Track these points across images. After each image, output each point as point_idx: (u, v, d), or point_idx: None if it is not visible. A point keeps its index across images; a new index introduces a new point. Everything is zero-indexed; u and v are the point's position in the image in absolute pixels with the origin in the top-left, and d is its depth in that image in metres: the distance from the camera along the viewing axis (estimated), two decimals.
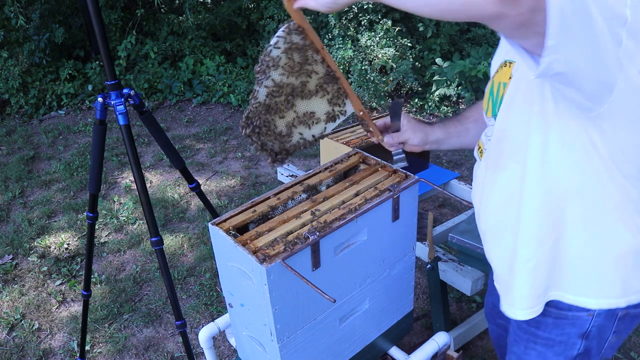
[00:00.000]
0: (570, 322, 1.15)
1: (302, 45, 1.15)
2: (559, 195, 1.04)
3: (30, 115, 5.28)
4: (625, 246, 1.07)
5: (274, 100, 1.19)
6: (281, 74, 1.17)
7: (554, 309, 1.15)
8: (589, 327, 1.14)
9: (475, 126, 1.37)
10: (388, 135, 1.35)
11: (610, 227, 1.06)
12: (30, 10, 5.24)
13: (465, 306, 2.63)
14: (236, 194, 3.78)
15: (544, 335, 1.20)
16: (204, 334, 1.75)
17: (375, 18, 5.12)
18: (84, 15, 1.56)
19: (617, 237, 1.07)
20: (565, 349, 1.19)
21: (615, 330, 1.16)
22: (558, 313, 1.15)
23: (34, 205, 3.75)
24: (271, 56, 1.14)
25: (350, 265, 1.38)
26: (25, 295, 2.88)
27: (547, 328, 1.19)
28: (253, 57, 5.87)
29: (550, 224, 1.07)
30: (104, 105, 1.71)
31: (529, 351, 1.25)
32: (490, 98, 1.20)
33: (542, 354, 1.23)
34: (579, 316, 1.13)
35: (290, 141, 1.28)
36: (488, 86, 1.23)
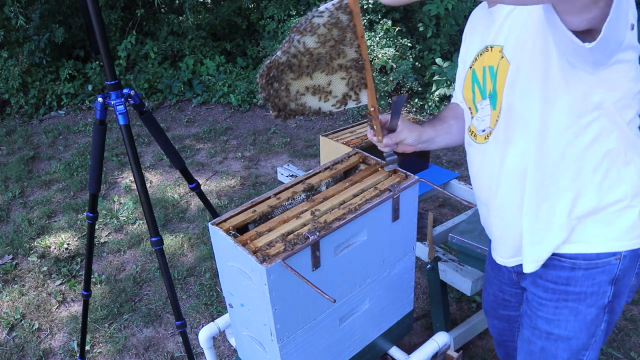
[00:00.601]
0: (600, 270, 1.21)
1: (345, 26, 1.15)
2: (573, 152, 1.14)
3: (30, 115, 5.28)
4: (638, 186, 1.18)
5: (297, 60, 1.19)
6: (314, 42, 1.17)
7: (583, 261, 1.21)
8: (617, 272, 1.21)
9: (456, 123, 1.45)
10: (387, 137, 1.37)
11: (620, 172, 1.16)
12: (30, 10, 5.24)
13: (465, 306, 2.63)
14: (236, 194, 3.79)
15: (575, 290, 1.24)
16: (204, 334, 1.75)
17: (375, 18, 5.12)
18: (84, 15, 1.56)
19: (629, 178, 1.17)
20: (597, 299, 1.24)
21: (637, 271, 1.25)
22: (587, 264, 1.21)
23: (34, 205, 3.75)
24: (312, 22, 1.14)
25: (350, 265, 1.38)
26: (25, 295, 2.88)
27: (577, 282, 1.23)
28: (253, 57, 5.87)
29: (569, 180, 1.17)
30: (104, 105, 1.71)
31: (560, 310, 1.28)
32: (475, 84, 1.29)
33: (575, 309, 1.26)
34: (608, 261, 1.20)
35: (296, 103, 1.27)
36: (468, 75, 1.31)
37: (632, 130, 1.15)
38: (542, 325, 1.32)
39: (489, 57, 1.23)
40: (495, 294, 1.58)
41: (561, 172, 1.17)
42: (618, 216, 1.18)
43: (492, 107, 1.24)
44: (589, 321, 1.27)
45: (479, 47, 1.28)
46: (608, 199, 1.17)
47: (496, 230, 1.36)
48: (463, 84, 1.36)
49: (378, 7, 5.06)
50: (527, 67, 1.12)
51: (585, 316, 1.26)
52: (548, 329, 1.32)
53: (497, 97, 1.21)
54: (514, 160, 1.22)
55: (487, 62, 1.24)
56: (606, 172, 1.16)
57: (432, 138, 1.43)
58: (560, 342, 1.31)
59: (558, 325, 1.30)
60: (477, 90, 1.29)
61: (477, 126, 1.31)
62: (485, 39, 1.25)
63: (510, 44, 1.16)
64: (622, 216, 1.18)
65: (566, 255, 1.22)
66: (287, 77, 1.22)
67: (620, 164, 1.16)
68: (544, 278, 1.28)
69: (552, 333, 1.31)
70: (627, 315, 2.52)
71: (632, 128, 1.15)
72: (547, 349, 1.34)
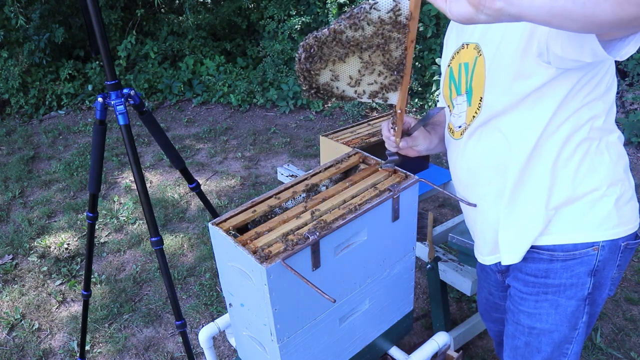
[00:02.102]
0: (578, 261, 1.21)
1: (399, 28, 1.12)
2: (547, 145, 1.17)
3: (30, 115, 5.28)
4: (612, 175, 1.19)
5: (343, 43, 1.16)
6: (361, 34, 1.14)
7: (561, 252, 1.21)
8: (595, 263, 1.21)
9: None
10: (403, 140, 1.39)
11: (594, 161, 1.17)
12: (30, 10, 5.24)
13: (465, 306, 2.63)
14: (236, 194, 3.79)
15: (554, 283, 1.25)
16: (204, 334, 1.75)
17: None
18: (84, 15, 1.56)
19: (603, 167, 1.18)
20: (576, 291, 1.24)
21: (618, 263, 1.24)
22: (565, 255, 1.21)
23: (34, 205, 3.75)
24: (368, 15, 1.11)
25: (350, 265, 1.38)
26: (25, 295, 2.88)
27: (556, 274, 1.24)
28: (253, 57, 5.87)
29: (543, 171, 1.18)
30: (104, 105, 1.71)
31: (541, 304, 1.29)
32: (451, 82, 1.31)
33: (554, 302, 1.27)
34: (586, 252, 1.20)
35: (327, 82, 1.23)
36: (446, 73, 1.34)
37: (605, 120, 1.17)
38: (524, 320, 1.33)
39: (465, 54, 1.25)
40: (486, 297, 1.59)
41: (535, 165, 1.19)
42: (593, 205, 1.19)
43: (468, 103, 1.25)
44: (569, 313, 1.27)
45: (455, 46, 1.30)
46: (583, 189, 1.18)
47: (476, 226, 1.38)
48: (443, 82, 1.38)
49: None
50: (503, 64, 1.13)
51: (566, 308, 1.27)
52: (530, 323, 1.32)
53: (473, 93, 1.23)
54: (488, 154, 1.24)
55: (463, 59, 1.26)
56: (580, 161, 1.17)
57: (435, 144, 1.46)
58: (543, 335, 1.32)
59: (539, 319, 1.30)
60: (453, 87, 1.31)
61: (454, 123, 1.34)
62: (460, 37, 1.28)
63: (487, 41, 1.17)
64: (598, 205, 1.19)
65: (544, 247, 1.23)
66: (329, 56, 1.18)
67: (593, 154, 1.17)
68: (523, 272, 1.30)
69: (535, 327, 1.32)
70: (627, 315, 2.52)
71: (605, 118, 1.17)
72: (531, 343, 1.34)
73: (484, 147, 1.26)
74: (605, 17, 0.76)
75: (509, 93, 1.15)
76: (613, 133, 1.21)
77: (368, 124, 2.49)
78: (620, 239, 1.21)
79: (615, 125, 1.22)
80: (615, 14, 0.75)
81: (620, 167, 1.21)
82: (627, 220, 1.22)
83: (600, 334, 2.41)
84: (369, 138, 2.31)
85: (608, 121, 1.19)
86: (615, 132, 1.22)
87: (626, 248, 1.23)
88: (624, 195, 1.21)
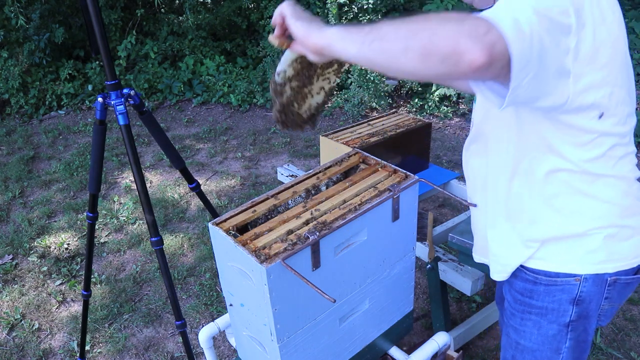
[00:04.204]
0: (559, 288, 1.20)
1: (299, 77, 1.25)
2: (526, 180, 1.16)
3: (30, 115, 5.28)
4: (604, 217, 1.15)
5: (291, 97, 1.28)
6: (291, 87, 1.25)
7: (544, 276, 1.21)
8: (577, 292, 1.19)
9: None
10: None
11: (581, 203, 1.14)
12: (30, 10, 5.24)
13: (465, 306, 2.63)
14: (236, 194, 3.79)
15: (537, 304, 1.25)
16: (204, 334, 1.75)
17: (376, 18, 5.12)
18: (84, 15, 1.56)
19: (589, 210, 1.14)
20: (557, 316, 1.23)
21: (607, 296, 1.21)
22: (548, 280, 1.21)
23: (34, 205, 3.75)
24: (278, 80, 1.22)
25: (350, 265, 1.38)
26: (25, 295, 2.88)
27: (539, 296, 1.23)
28: (253, 57, 5.87)
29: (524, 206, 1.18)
30: (104, 105, 1.71)
31: (525, 322, 1.29)
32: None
33: (537, 323, 1.27)
34: (567, 281, 1.19)
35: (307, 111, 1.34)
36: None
37: (594, 164, 1.10)
38: (512, 334, 1.34)
39: None
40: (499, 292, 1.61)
41: (514, 198, 1.19)
42: (579, 241, 1.16)
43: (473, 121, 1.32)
44: (550, 336, 1.26)
45: None
46: (567, 229, 1.16)
47: (474, 227, 1.41)
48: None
49: (378, 7, 5.06)
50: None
51: (547, 331, 1.26)
52: (516, 338, 1.33)
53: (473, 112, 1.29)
54: (477, 173, 1.29)
55: None
56: (564, 201, 1.14)
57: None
58: (527, 353, 1.32)
59: (524, 336, 1.31)
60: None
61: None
62: None
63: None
64: (584, 240, 1.16)
65: (529, 269, 1.23)
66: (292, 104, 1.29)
67: (580, 196, 1.13)
68: (513, 287, 1.30)
69: (520, 343, 1.32)
70: (627, 315, 2.52)
71: (594, 163, 1.10)
72: (517, 358, 1.35)
73: (473, 164, 1.30)
74: (414, 70, 0.85)
75: (486, 118, 1.20)
76: (608, 177, 1.13)
77: (368, 124, 2.49)
78: (607, 274, 1.17)
79: (621, 166, 1.14)
80: (422, 69, 0.84)
81: (616, 209, 1.15)
82: (620, 257, 1.17)
83: (600, 334, 2.41)
84: (369, 138, 2.31)
85: (602, 164, 1.11)
86: (614, 175, 1.13)
87: (616, 283, 1.19)
88: (619, 234, 1.16)
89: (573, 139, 1.07)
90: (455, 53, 0.80)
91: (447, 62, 0.81)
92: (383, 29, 0.87)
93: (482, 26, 0.81)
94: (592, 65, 0.97)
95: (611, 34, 1.01)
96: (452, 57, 0.80)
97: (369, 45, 0.87)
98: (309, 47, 0.97)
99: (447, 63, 0.81)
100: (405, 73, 0.86)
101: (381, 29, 0.87)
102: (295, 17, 1.00)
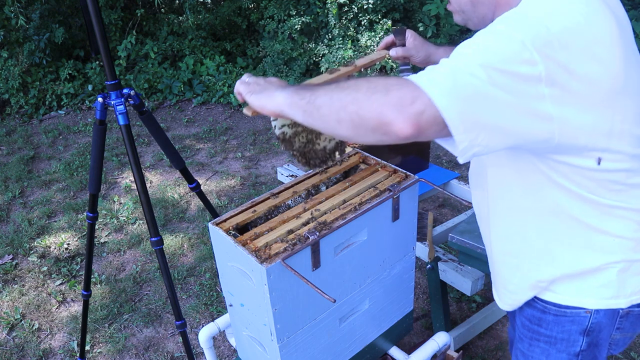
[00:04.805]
0: (569, 319, 1.16)
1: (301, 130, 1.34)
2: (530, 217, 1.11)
3: (30, 115, 5.28)
4: (612, 249, 1.08)
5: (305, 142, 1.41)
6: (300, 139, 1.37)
7: (553, 307, 1.17)
8: (588, 324, 1.15)
9: None
10: (393, 50, 1.42)
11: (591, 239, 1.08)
12: (30, 10, 5.24)
13: (465, 306, 2.63)
14: (236, 194, 3.78)
15: (545, 333, 1.21)
16: (204, 334, 1.76)
17: (375, 18, 5.12)
18: (84, 15, 1.56)
19: (599, 246, 1.08)
20: (567, 346, 1.20)
21: (618, 327, 1.17)
22: (557, 311, 1.17)
23: (34, 205, 3.75)
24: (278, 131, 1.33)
25: (350, 265, 1.38)
26: (25, 295, 2.88)
27: (548, 325, 1.20)
28: (253, 57, 5.87)
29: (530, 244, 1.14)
30: (104, 105, 1.71)
31: (533, 348, 1.26)
32: None
33: (546, 351, 1.24)
34: (577, 313, 1.14)
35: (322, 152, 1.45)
36: None
37: (603, 195, 1.03)
38: (520, 357, 1.32)
39: None
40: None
41: (520, 235, 1.14)
42: (590, 277, 1.11)
43: None
44: None
45: None
46: (579, 266, 1.11)
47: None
48: None
49: (378, 7, 5.05)
50: None
51: (556, 359, 1.23)
52: None
53: None
54: (480, 204, 1.25)
55: None
56: (573, 239, 1.09)
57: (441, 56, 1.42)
58: None
59: None
60: None
61: None
62: None
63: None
64: (595, 276, 1.11)
65: (538, 298, 1.20)
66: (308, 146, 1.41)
67: (590, 231, 1.07)
68: (521, 313, 1.28)
69: None
70: None
71: (603, 194, 1.03)
72: None
73: (476, 196, 1.26)
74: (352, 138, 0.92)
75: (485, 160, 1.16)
76: (619, 209, 1.06)
77: None
78: (620, 308, 1.13)
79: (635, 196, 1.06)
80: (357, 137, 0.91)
81: (629, 243, 1.09)
82: (634, 291, 1.12)
83: None
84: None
85: (613, 194, 1.04)
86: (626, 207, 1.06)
87: (629, 314, 1.15)
88: (632, 268, 1.10)
89: (575, 175, 1.01)
90: (382, 124, 0.85)
91: (376, 132, 0.87)
92: (319, 100, 0.94)
93: (408, 95, 0.84)
94: (582, 106, 0.91)
95: (609, 68, 0.92)
96: (381, 128, 0.85)
97: (310, 115, 0.95)
98: (269, 114, 1.07)
99: (377, 133, 0.87)
100: (346, 139, 0.95)
101: (317, 99, 0.94)
102: (250, 92, 1.10)
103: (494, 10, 1.06)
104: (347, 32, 5.16)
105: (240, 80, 1.16)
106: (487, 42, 0.88)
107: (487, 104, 0.85)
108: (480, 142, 0.87)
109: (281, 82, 1.11)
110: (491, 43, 0.88)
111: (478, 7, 1.08)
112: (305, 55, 5.29)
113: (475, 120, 0.85)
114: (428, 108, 0.83)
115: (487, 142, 0.88)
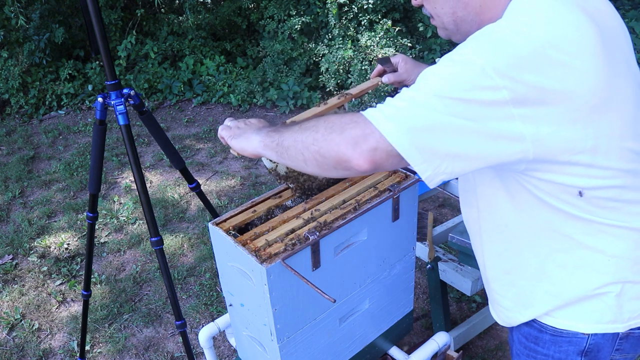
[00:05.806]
0: (566, 340, 1.13)
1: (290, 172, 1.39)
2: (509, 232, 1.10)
3: (30, 115, 5.28)
4: (608, 269, 1.05)
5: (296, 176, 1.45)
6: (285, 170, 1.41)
7: (550, 326, 1.15)
8: (586, 345, 1.12)
9: None
10: (385, 76, 1.45)
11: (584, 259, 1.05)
12: (30, 10, 5.24)
13: (465, 306, 2.63)
14: (236, 194, 3.78)
15: (542, 352, 1.19)
16: (204, 334, 1.76)
17: (375, 18, 5.12)
18: (84, 15, 1.56)
19: (593, 267, 1.05)
20: None
21: (617, 348, 1.14)
22: (554, 331, 1.14)
23: (34, 205, 3.75)
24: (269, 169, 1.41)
25: (350, 265, 1.38)
26: (25, 295, 2.88)
27: (545, 344, 1.18)
28: (253, 57, 5.87)
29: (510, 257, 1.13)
30: (104, 105, 1.71)
31: None
32: None
33: None
34: (575, 334, 1.11)
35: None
36: None
37: (596, 213, 0.99)
38: None
39: None
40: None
41: (512, 254, 1.12)
42: (587, 302, 1.08)
43: None
44: None
45: None
46: (575, 291, 1.08)
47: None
48: None
49: (378, 7, 5.05)
50: None
51: None
52: None
53: None
54: (470, 221, 1.24)
55: None
56: (566, 258, 1.05)
57: None
58: None
59: None
60: None
61: None
62: None
63: None
64: (592, 302, 1.07)
65: (534, 319, 1.17)
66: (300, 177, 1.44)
67: (584, 250, 1.04)
68: (518, 329, 1.25)
69: None
70: None
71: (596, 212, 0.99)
72: None
73: (466, 213, 1.24)
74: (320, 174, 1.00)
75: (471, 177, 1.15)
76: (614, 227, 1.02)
77: None
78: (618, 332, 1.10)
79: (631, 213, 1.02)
80: (324, 173, 0.99)
81: (627, 263, 1.04)
82: (632, 315, 1.08)
83: None
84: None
85: (607, 212, 1.00)
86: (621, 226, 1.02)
87: (629, 336, 1.12)
88: (631, 290, 1.07)
89: (562, 194, 0.98)
90: (342, 161, 0.90)
91: (339, 168, 0.92)
92: (286, 142, 1.01)
93: (360, 133, 0.88)
94: (558, 123, 0.88)
95: (589, 82, 0.88)
96: (341, 164, 0.91)
97: (281, 155, 1.03)
98: (249, 156, 1.14)
99: (340, 168, 0.92)
100: (316, 175, 1.05)
101: (284, 141, 1.02)
102: (231, 137, 1.17)
103: (477, 28, 1.01)
104: (347, 32, 5.16)
105: (223, 125, 1.22)
106: (447, 70, 0.88)
107: (445, 134, 0.85)
108: (445, 170, 0.88)
109: (260, 122, 1.17)
110: (451, 71, 0.87)
111: (461, 25, 1.06)
112: (305, 55, 5.29)
113: (434, 150, 0.86)
114: (380, 144, 0.86)
115: (452, 170, 0.89)
